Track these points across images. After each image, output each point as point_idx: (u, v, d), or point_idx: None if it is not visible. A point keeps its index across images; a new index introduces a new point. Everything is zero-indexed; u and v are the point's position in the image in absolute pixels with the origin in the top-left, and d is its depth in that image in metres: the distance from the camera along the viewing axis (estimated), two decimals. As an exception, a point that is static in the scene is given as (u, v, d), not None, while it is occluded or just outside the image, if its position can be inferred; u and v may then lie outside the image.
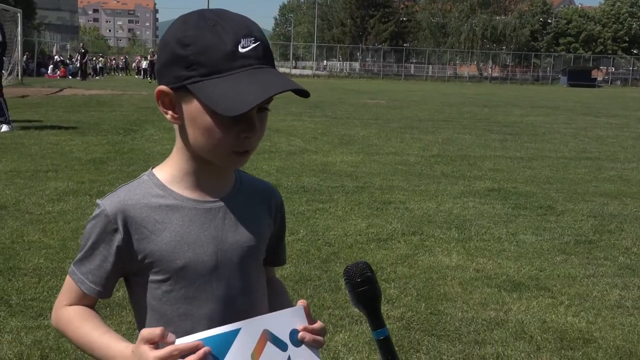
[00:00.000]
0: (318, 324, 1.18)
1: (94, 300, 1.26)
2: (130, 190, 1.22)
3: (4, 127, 10.57)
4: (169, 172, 1.24)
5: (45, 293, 3.70)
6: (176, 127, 1.20)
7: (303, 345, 1.16)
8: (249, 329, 1.12)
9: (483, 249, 4.95)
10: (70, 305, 1.25)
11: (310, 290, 3.89)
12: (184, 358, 1.06)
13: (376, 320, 1.15)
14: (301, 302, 1.20)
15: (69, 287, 1.26)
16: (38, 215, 5.42)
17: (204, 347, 1.06)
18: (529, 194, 7.13)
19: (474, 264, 4.58)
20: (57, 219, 5.31)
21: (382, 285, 4.03)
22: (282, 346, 1.14)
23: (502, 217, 5.98)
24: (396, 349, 1.19)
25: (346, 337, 3.27)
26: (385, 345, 1.13)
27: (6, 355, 2.97)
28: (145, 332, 1.09)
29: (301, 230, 5.15)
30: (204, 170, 1.22)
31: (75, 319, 1.22)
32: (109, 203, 1.20)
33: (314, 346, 1.17)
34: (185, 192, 1.22)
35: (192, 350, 1.06)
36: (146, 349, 1.07)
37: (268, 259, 1.35)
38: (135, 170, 7.43)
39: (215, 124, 1.12)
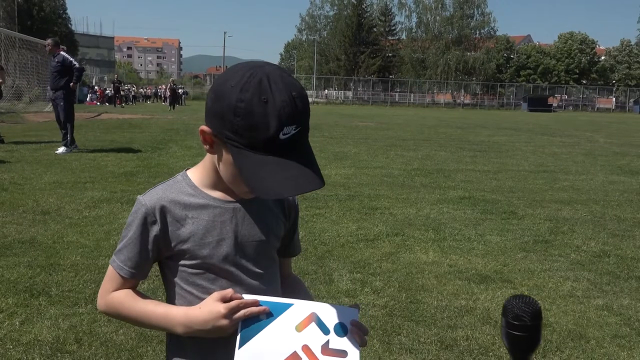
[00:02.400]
0: (366, 328, 1.18)
1: (134, 284, 1.25)
2: (166, 189, 1.23)
3: (61, 149, 10.35)
4: (199, 176, 1.24)
5: (80, 285, 3.67)
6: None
7: (346, 338, 1.13)
8: (300, 307, 1.13)
9: (455, 248, 4.92)
10: (114, 291, 1.24)
11: (308, 283, 3.85)
12: (246, 308, 1.11)
13: None
14: (356, 306, 1.19)
15: (111, 276, 1.24)
16: (76, 219, 5.39)
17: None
18: (495, 201, 7.10)
19: (447, 260, 4.55)
20: (92, 222, 5.28)
21: (369, 278, 4.01)
22: (325, 330, 1.13)
23: (472, 221, 5.95)
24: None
25: (338, 322, 3.23)
26: None
27: (45, 338, 2.93)
28: (216, 293, 1.14)
29: (300, 232, 5.09)
30: None
31: (126, 300, 1.22)
32: (149, 199, 1.20)
33: (359, 343, 1.14)
34: (212, 192, 1.22)
35: (254, 304, 1.12)
36: (217, 303, 1.13)
37: (285, 250, 1.36)
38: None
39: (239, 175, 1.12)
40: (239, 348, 1.10)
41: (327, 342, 1.12)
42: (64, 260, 4.15)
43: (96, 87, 42.65)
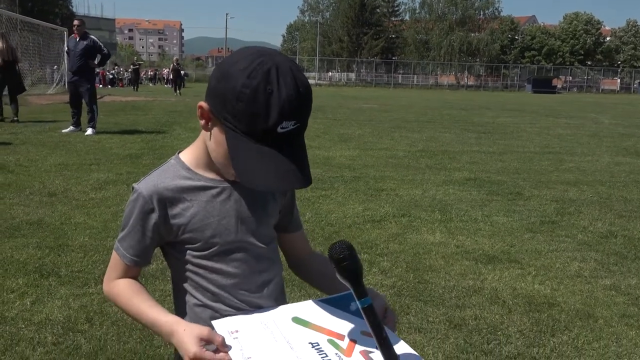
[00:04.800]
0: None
1: (137, 271, 1.25)
2: (160, 174, 1.21)
3: (89, 131, 10.43)
4: (193, 157, 1.22)
5: (89, 266, 3.69)
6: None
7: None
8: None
9: (462, 228, 4.92)
10: (118, 278, 1.23)
11: (315, 263, 3.85)
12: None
13: (360, 291, 1.06)
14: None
15: (114, 262, 1.24)
16: (83, 201, 5.40)
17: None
18: (501, 182, 7.09)
19: (454, 241, 4.55)
20: (99, 204, 5.29)
21: (377, 259, 4.02)
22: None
23: (478, 202, 5.95)
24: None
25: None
26: (370, 312, 1.06)
27: (56, 318, 2.95)
28: (206, 332, 1.07)
29: (307, 214, 5.12)
30: None
31: (125, 292, 1.21)
32: (144, 187, 1.19)
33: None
34: (207, 173, 1.21)
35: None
36: (193, 342, 1.06)
37: (287, 226, 1.35)
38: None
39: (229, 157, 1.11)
40: None
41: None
42: (73, 241, 4.17)
43: (98, 70, 42.50)
